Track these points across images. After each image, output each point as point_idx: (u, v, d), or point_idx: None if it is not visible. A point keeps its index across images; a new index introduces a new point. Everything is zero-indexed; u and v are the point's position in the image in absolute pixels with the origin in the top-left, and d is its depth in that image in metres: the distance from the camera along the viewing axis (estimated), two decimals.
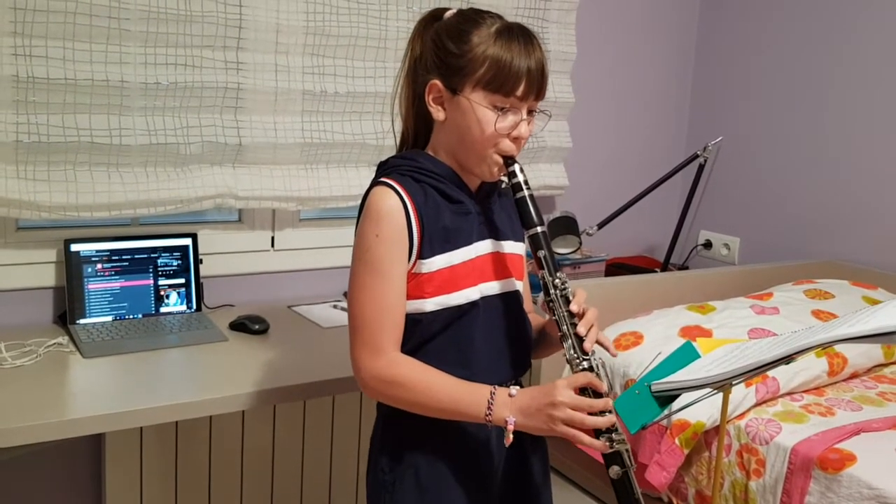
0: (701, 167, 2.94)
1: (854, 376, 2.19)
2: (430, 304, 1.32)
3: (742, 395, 1.91)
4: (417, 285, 1.31)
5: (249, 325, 2.06)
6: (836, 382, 2.13)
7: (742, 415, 1.92)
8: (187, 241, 2.18)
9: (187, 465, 2.12)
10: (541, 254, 1.32)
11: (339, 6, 2.31)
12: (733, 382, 1.23)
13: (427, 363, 1.31)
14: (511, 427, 1.24)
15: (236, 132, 2.21)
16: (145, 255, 2.12)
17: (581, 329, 1.28)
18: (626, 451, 1.27)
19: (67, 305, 2.01)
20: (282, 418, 2.24)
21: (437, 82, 1.31)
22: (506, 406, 1.25)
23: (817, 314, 2.26)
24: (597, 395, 1.24)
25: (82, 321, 2.02)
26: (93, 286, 2.05)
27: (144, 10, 2.01)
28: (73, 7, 1.92)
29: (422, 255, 1.30)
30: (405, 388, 1.28)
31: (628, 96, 3.17)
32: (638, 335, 2.17)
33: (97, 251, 2.06)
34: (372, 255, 1.28)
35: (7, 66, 1.88)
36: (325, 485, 2.35)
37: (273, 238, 2.43)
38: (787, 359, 1.13)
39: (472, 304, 1.35)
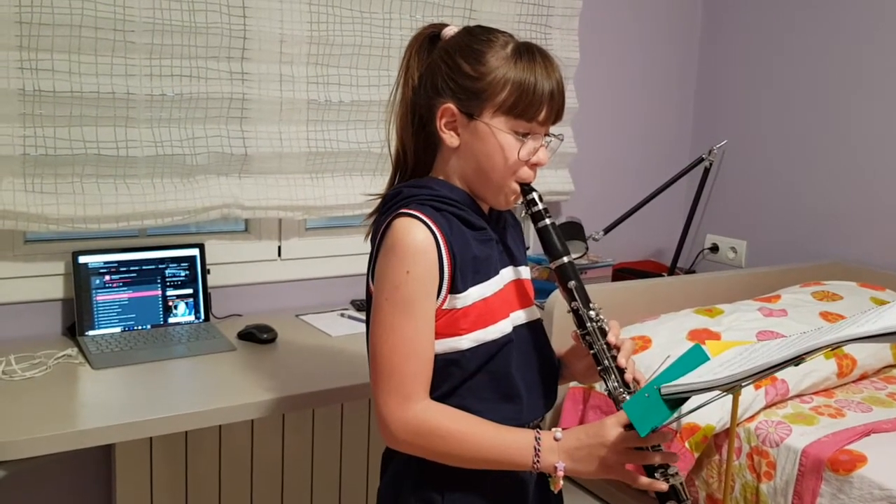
0: (706, 171, 2.94)
1: (863, 377, 2.18)
2: (467, 341, 1.23)
3: (752, 397, 1.91)
4: (451, 322, 1.22)
5: (257, 335, 2.06)
6: (845, 384, 2.12)
7: (752, 417, 1.91)
8: (194, 252, 2.19)
9: (197, 475, 2.13)
10: (571, 285, 1.27)
11: (343, 16, 2.32)
12: (742, 384, 1.22)
13: (465, 405, 1.22)
14: (561, 473, 1.18)
15: (242, 142, 2.22)
16: (153, 266, 2.13)
17: (622, 361, 1.25)
18: (681, 484, 1.20)
19: (76, 317, 2.02)
20: (291, 427, 2.24)
21: (451, 106, 1.23)
22: (553, 451, 1.18)
23: (825, 316, 2.25)
24: None
25: (91, 333, 2.03)
26: (101, 298, 2.05)
27: (149, 23, 2.03)
28: (79, 20, 1.93)
29: (454, 290, 1.21)
30: (443, 440, 1.18)
31: (632, 100, 3.18)
32: (646, 339, 2.17)
33: (105, 263, 2.06)
34: (402, 293, 1.17)
35: (13, 79, 1.89)
36: (335, 493, 2.35)
37: (280, 247, 2.44)
38: (797, 360, 1.12)
39: (507, 338, 1.27)
